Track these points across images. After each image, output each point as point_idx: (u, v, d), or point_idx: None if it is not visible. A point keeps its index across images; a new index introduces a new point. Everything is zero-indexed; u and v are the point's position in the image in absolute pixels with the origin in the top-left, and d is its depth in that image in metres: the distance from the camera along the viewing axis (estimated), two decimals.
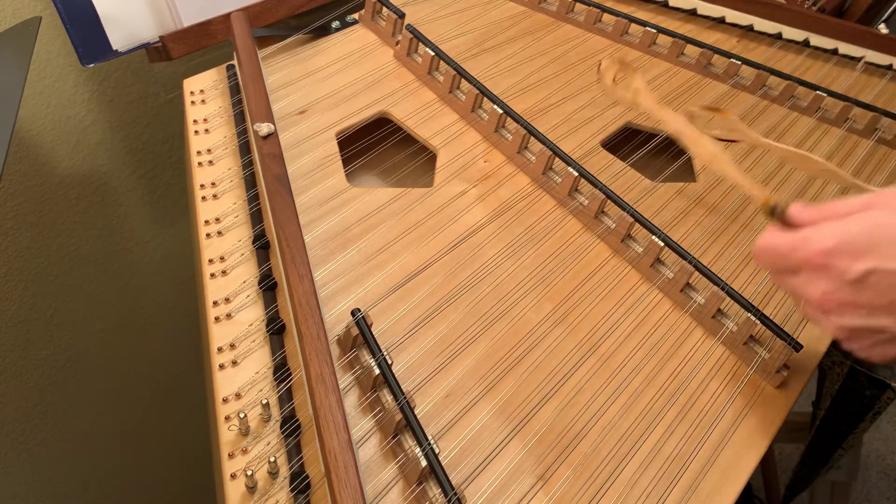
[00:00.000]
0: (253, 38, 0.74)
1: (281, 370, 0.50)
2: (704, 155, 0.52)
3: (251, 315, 0.54)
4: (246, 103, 0.68)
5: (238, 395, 0.49)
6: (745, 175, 0.50)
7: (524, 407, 0.51)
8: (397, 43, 0.78)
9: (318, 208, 0.63)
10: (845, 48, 0.88)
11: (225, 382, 0.50)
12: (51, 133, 0.86)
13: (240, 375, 0.50)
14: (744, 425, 0.51)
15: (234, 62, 0.75)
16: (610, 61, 0.57)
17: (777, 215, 0.46)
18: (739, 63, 0.81)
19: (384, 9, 0.81)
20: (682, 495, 0.47)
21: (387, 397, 0.48)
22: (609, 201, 0.62)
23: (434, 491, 0.44)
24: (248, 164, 0.65)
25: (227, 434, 0.47)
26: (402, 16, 0.79)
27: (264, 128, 0.63)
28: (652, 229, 0.59)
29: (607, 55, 0.84)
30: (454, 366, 0.52)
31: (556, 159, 0.66)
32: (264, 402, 0.47)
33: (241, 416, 0.46)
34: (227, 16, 0.76)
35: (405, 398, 0.46)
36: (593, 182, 0.63)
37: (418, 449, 0.44)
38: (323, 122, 0.71)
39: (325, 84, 0.75)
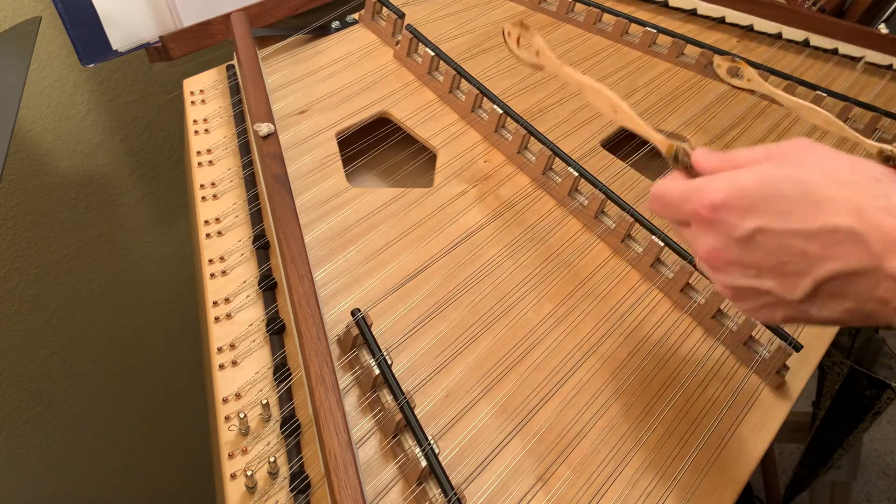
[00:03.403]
0: (253, 38, 0.74)
1: (281, 370, 0.50)
2: (606, 107, 0.49)
3: (251, 315, 0.54)
4: (246, 103, 0.68)
5: (238, 395, 0.49)
6: (649, 126, 0.47)
7: (524, 407, 0.51)
8: (397, 43, 0.78)
9: (318, 208, 0.63)
10: (845, 48, 0.88)
11: (225, 382, 0.50)
12: (51, 133, 0.86)
13: (240, 375, 0.50)
14: (744, 425, 0.51)
15: (234, 62, 0.75)
16: (512, 25, 0.55)
17: (680, 161, 0.43)
18: None
19: (384, 9, 0.81)
20: (682, 495, 0.47)
21: (387, 397, 0.48)
22: (609, 201, 0.62)
23: (434, 491, 0.44)
24: (248, 164, 0.65)
25: (227, 434, 0.47)
26: (402, 16, 0.79)
27: (264, 128, 0.63)
28: (652, 229, 0.59)
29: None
30: (454, 366, 0.52)
31: (556, 159, 0.66)
32: (264, 402, 0.47)
33: (241, 416, 0.46)
34: (227, 16, 0.76)
35: (405, 398, 0.46)
36: (593, 182, 0.63)
37: (418, 449, 0.44)
38: (323, 122, 0.71)
39: (325, 84, 0.75)
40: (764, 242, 0.37)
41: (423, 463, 0.44)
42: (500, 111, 0.69)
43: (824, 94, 0.78)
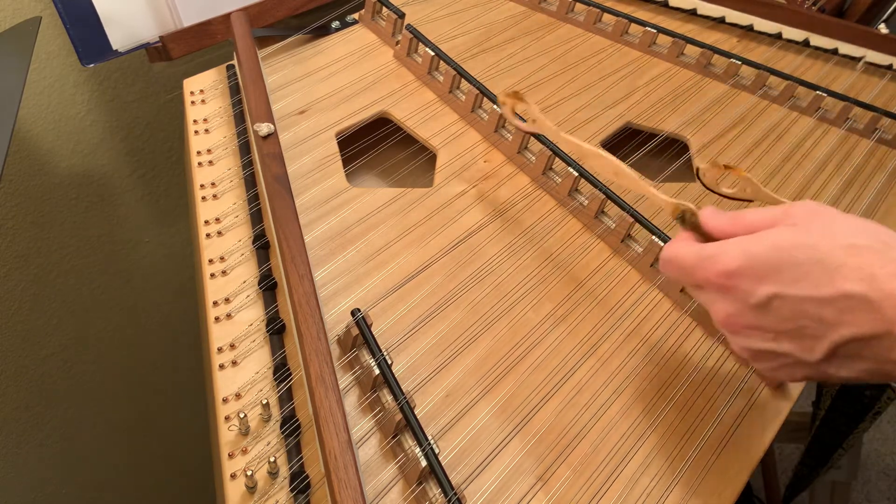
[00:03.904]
0: (253, 38, 0.74)
1: (281, 370, 0.50)
2: (608, 172, 0.50)
3: (251, 315, 0.54)
4: (246, 103, 0.68)
5: (238, 395, 0.49)
6: (651, 187, 0.49)
7: (524, 407, 0.51)
8: (397, 43, 0.78)
9: (318, 208, 0.63)
10: (845, 48, 0.88)
11: (225, 382, 0.50)
12: (51, 133, 0.86)
13: (240, 375, 0.50)
14: (744, 425, 0.51)
15: (234, 62, 0.75)
16: (506, 95, 0.57)
17: (687, 222, 0.44)
18: (739, 63, 0.81)
19: (384, 9, 0.81)
20: (682, 495, 0.47)
21: (387, 397, 0.48)
22: (609, 201, 0.62)
23: (434, 491, 0.44)
24: (248, 164, 0.65)
25: (227, 434, 0.47)
26: (402, 16, 0.79)
27: (264, 128, 0.63)
28: (652, 229, 0.59)
29: (605, 53, 0.84)
30: (454, 366, 0.52)
31: (556, 159, 0.66)
32: (264, 402, 0.47)
33: (241, 416, 0.46)
34: (227, 16, 0.76)
35: (405, 398, 0.46)
36: (593, 182, 0.63)
37: (418, 449, 0.44)
38: (323, 122, 0.71)
39: (325, 84, 0.75)
40: (779, 308, 0.38)
41: (423, 463, 0.44)
42: (499, 111, 0.69)
43: (824, 94, 0.78)
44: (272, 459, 0.44)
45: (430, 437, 0.45)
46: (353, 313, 0.51)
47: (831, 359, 0.38)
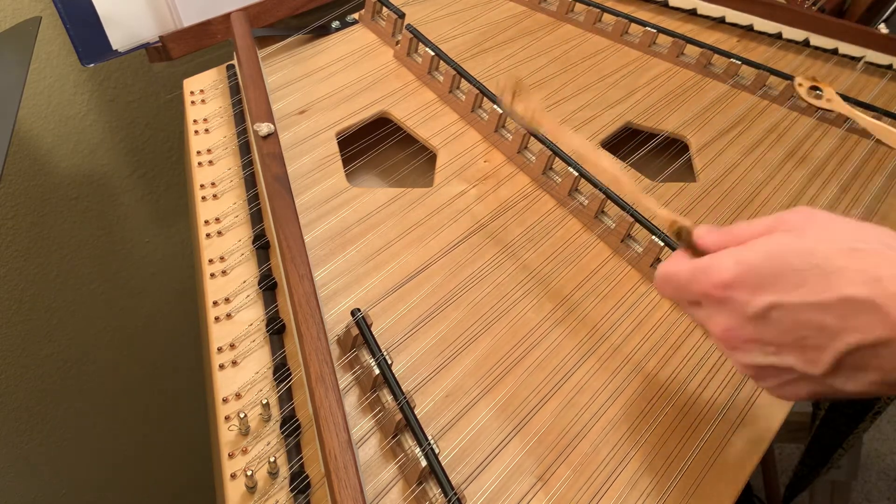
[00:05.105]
0: (253, 38, 0.74)
1: (281, 370, 0.50)
2: (606, 177, 0.49)
3: (251, 315, 0.54)
4: (246, 103, 0.68)
5: (238, 395, 0.49)
6: (650, 197, 0.48)
7: (524, 407, 0.51)
8: (397, 43, 0.78)
9: (318, 208, 0.63)
10: (845, 48, 0.88)
11: (225, 382, 0.50)
12: (51, 133, 0.86)
13: (240, 375, 0.50)
14: (744, 425, 0.51)
15: (234, 62, 0.75)
16: (507, 80, 0.53)
17: (683, 239, 0.43)
18: (739, 63, 0.81)
19: (384, 9, 0.81)
20: (682, 495, 0.47)
21: (387, 397, 0.48)
22: (609, 201, 0.62)
23: (434, 491, 0.44)
24: (248, 164, 0.65)
25: (227, 434, 0.47)
26: (402, 16, 0.79)
27: (264, 128, 0.63)
28: (652, 229, 0.59)
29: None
30: (454, 366, 0.52)
31: (556, 159, 0.66)
32: (264, 402, 0.47)
33: (241, 416, 0.46)
34: (227, 16, 0.76)
35: (405, 398, 0.46)
36: (593, 182, 0.63)
37: (418, 449, 0.44)
38: (323, 122, 0.71)
39: (325, 84, 0.75)
40: (779, 318, 0.36)
41: (423, 463, 0.44)
42: (500, 111, 0.69)
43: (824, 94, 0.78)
44: (272, 459, 0.44)
45: (430, 437, 0.45)
46: (353, 313, 0.51)
47: (837, 371, 0.36)
